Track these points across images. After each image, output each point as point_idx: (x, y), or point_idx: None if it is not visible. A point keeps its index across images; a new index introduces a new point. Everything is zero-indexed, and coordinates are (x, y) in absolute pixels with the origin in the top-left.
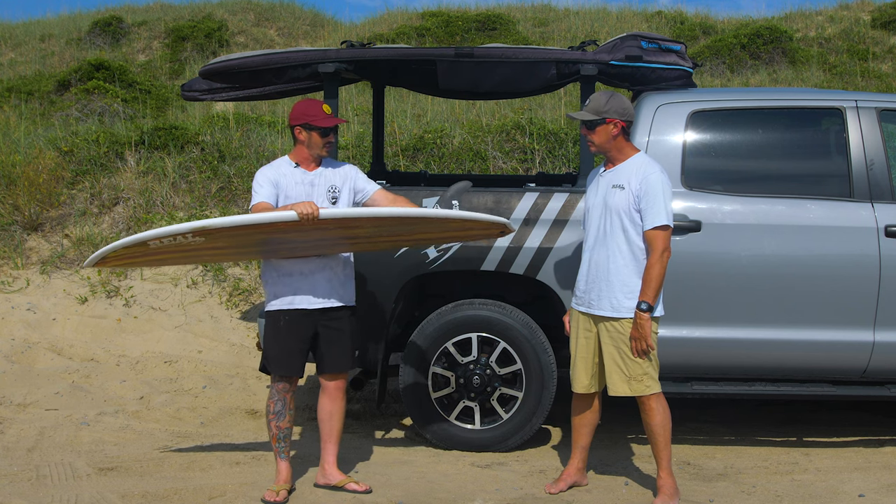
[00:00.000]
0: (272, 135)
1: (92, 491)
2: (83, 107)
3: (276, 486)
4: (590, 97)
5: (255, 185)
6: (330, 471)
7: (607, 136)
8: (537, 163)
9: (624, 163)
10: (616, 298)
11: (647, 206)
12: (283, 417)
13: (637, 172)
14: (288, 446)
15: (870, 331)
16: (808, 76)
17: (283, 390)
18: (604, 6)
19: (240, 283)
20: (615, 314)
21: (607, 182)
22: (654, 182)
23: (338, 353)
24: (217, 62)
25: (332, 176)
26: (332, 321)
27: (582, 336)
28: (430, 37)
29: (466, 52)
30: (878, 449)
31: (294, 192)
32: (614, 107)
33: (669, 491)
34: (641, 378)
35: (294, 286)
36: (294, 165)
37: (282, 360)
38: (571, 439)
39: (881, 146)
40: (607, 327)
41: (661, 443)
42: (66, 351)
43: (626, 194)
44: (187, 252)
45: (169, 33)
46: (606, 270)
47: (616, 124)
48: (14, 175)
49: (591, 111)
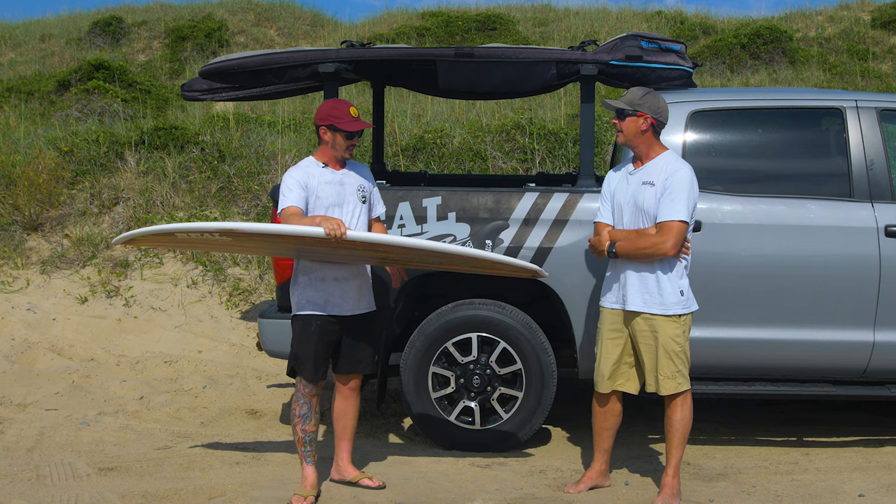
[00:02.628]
0: (272, 135)
1: (92, 491)
2: (83, 107)
3: (303, 492)
4: (629, 89)
5: (283, 187)
6: (344, 467)
7: (636, 130)
8: (537, 163)
9: (653, 160)
10: (649, 294)
11: (668, 200)
12: (308, 421)
13: (666, 169)
14: (314, 451)
15: (870, 331)
16: (808, 76)
17: (310, 394)
18: (604, 6)
19: (240, 283)
20: (647, 309)
21: (637, 180)
22: (681, 177)
23: (358, 356)
24: (217, 62)
25: (360, 176)
26: (358, 325)
27: (611, 334)
28: (430, 37)
29: (466, 52)
30: (878, 449)
31: (324, 191)
32: (649, 102)
33: (672, 491)
34: (674, 375)
35: (328, 291)
36: (322, 165)
37: (312, 364)
38: (593, 442)
39: (881, 146)
40: (640, 324)
41: (676, 441)
42: (66, 351)
43: (655, 191)
44: (213, 244)
45: (169, 33)
46: (638, 267)
47: (646, 119)
48: (14, 175)
49: (625, 102)
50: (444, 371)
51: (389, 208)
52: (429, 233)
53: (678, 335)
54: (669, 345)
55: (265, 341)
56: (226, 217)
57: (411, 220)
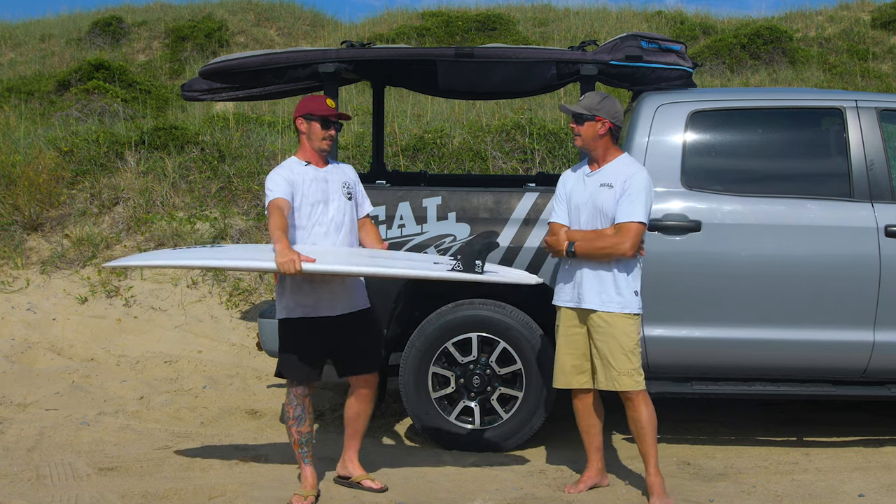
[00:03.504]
0: (272, 135)
1: (92, 491)
2: (83, 107)
3: (303, 492)
4: (586, 94)
5: (269, 184)
6: (350, 465)
7: (594, 134)
8: (537, 163)
9: (610, 163)
10: (606, 293)
11: (628, 202)
12: (303, 422)
13: (624, 171)
14: (311, 451)
15: (870, 331)
16: (808, 76)
17: (302, 395)
18: (604, 6)
19: (240, 283)
20: (604, 308)
21: (595, 182)
22: (638, 180)
23: (361, 354)
24: (217, 62)
25: (344, 174)
26: (355, 324)
27: (568, 331)
28: (430, 37)
29: (466, 52)
30: (878, 449)
31: (310, 189)
32: (606, 108)
33: (660, 490)
34: (631, 373)
35: (317, 293)
36: (305, 164)
37: (301, 368)
38: (584, 444)
39: (881, 146)
40: (597, 322)
41: (649, 440)
42: (66, 351)
43: (614, 193)
44: None
45: (169, 33)
46: (595, 266)
47: (604, 124)
48: (14, 175)
49: (583, 106)
50: (444, 371)
51: (389, 208)
52: (429, 233)
53: (634, 333)
54: (627, 342)
55: (265, 341)
56: (226, 217)
57: (411, 220)
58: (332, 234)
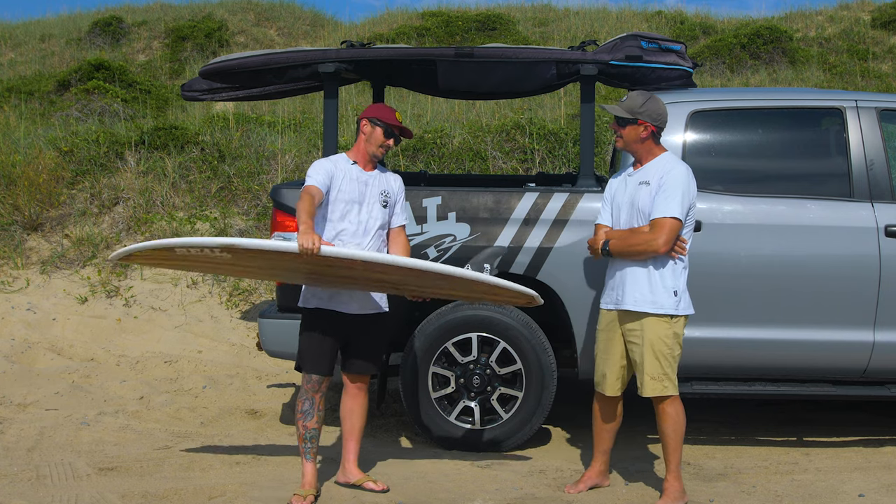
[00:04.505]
0: (272, 135)
1: (92, 491)
2: (83, 107)
3: (302, 491)
4: (628, 94)
5: (310, 170)
6: (349, 469)
7: (636, 137)
8: (537, 163)
9: (651, 162)
10: (639, 292)
11: (662, 197)
12: (310, 417)
13: (662, 168)
14: (315, 448)
15: (870, 331)
16: (808, 76)
17: (312, 389)
18: (604, 6)
19: (240, 283)
20: (636, 307)
21: (635, 181)
22: (675, 176)
23: (365, 356)
24: (217, 62)
25: (387, 182)
26: (365, 326)
27: (607, 335)
28: (430, 37)
29: (466, 52)
30: (878, 449)
31: (347, 187)
32: (649, 110)
33: (674, 494)
34: (660, 377)
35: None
36: (352, 162)
37: (315, 359)
38: (593, 443)
39: (881, 146)
40: (629, 322)
41: (671, 445)
42: (66, 351)
43: (650, 190)
44: (213, 263)
45: (169, 33)
46: (632, 266)
47: (647, 127)
48: (14, 175)
49: (625, 109)
50: (444, 371)
51: None
52: (429, 233)
53: (667, 336)
54: (657, 345)
55: (265, 341)
56: (226, 217)
57: (411, 220)
58: (359, 235)
